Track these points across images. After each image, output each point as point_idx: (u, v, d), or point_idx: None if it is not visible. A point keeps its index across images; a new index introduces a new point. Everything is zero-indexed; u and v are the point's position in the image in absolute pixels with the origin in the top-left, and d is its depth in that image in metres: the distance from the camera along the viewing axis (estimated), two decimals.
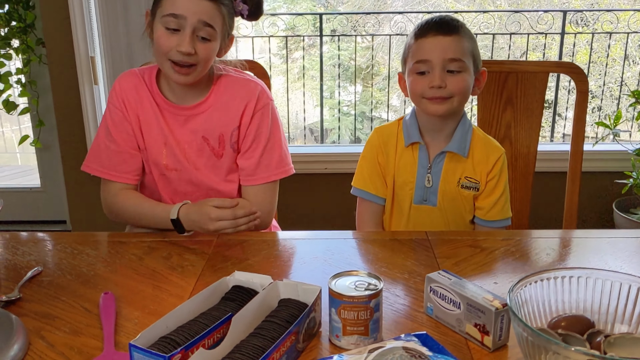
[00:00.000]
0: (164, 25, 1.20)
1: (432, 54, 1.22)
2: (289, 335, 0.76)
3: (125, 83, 1.32)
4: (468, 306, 0.83)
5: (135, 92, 1.31)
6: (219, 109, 1.31)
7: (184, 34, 1.19)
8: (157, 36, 1.21)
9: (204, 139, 1.31)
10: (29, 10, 2.61)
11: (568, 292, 0.82)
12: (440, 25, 1.23)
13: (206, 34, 1.21)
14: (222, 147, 1.32)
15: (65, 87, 2.51)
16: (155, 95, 1.31)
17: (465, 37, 1.25)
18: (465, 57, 1.23)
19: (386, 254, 1.12)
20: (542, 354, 0.70)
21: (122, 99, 1.31)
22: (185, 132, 1.31)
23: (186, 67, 1.21)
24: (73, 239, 1.21)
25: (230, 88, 1.32)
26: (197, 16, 1.18)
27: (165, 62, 1.22)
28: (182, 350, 0.71)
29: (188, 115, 1.31)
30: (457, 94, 1.24)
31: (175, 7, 1.18)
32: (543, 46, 4.20)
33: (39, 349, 0.83)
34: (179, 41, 1.19)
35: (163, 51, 1.21)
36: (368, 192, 1.35)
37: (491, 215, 1.31)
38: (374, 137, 1.35)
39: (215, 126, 1.30)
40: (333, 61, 4.95)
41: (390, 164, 1.33)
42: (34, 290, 0.99)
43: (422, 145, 1.31)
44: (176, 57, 1.20)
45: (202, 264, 1.08)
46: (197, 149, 1.31)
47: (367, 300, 0.79)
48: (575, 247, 1.19)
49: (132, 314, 0.91)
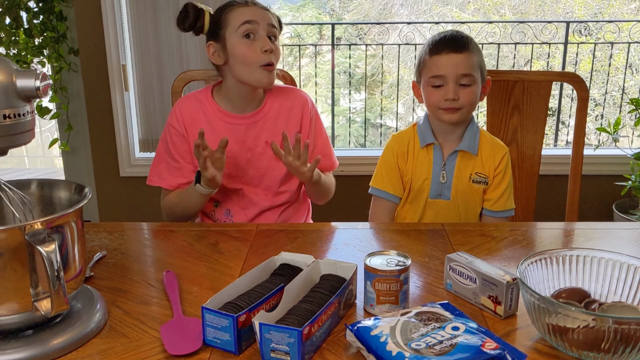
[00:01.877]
0: (242, 35, 1.37)
1: (446, 70, 1.38)
2: (333, 303, 0.90)
3: (185, 107, 1.48)
4: (483, 280, 0.97)
5: (196, 113, 1.48)
6: (276, 115, 1.48)
7: (261, 36, 1.37)
8: (239, 49, 1.37)
9: (267, 143, 1.46)
10: (61, 22, 2.78)
11: (568, 269, 0.97)
12: (452, 43, 1.39)
13: (274, 34, 1.40)
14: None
15: (97, 93, 2.67)
16: (216, 111, 1.48)
17: (474, 52, 1.40)
18: (475, 71, 1.39)
19: (408, 241, 1.26)
20: (546, 316, 0.84)
21: (182, 122, 1.47)
22: (247, 140, 1.47)
23: (271, 66, 1.39)
24: (128, 227, 1.36)
25: (280, 96, 1.50)
26: (266, 20, 1.38)
27: (256, 70, 1.38)
28: (247, 312, 0.86)
29: (249, 123, 1.47)
30: (468, 105, 1.40)
31: (247, 16, 1.37)
32: (547, 55, 4.35)
33: (117, 315, 0.97)
34: (261, 43, 1.37)
35: (251, 59, 1.37)
36: (386, 191, 1.49)
37: (497, 206, 1.46)
38: (393, 143, 1.50)
39: (277, 131, 1.46)
40: (338, 68, 5.09)
41: (408, 165, 1.48)
42: (103, 270, 1.14)
43: (436, 146, 1.46)
44: (265, 59, 1.37)
45: (245, 249, 1.23)
46: (259, 153, 1.47)
47: (397, 274, 0.94)
48: (576, 236, 1.33)
49: (191, 289, 1.06)
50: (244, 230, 1.33)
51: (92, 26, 2.59)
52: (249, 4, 1.40)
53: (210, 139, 1.38)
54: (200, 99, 1.49)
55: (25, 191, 0.97)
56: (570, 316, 0.81)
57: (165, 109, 2.70)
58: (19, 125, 0.85)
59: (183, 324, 0.92)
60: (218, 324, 0.85)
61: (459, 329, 0.83)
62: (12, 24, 2.76)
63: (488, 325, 0.94)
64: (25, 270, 0.82)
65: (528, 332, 0.91)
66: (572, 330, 0.81)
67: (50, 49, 2.80)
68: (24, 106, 0.85)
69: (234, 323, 0.83)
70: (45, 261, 0.79)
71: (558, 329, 0.83)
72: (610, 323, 0.78)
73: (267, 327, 0.82)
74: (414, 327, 0.84)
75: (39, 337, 0.86)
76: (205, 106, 1.48)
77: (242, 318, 0.85)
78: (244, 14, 1.37)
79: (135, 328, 0.93)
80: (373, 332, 0.83)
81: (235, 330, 0.84)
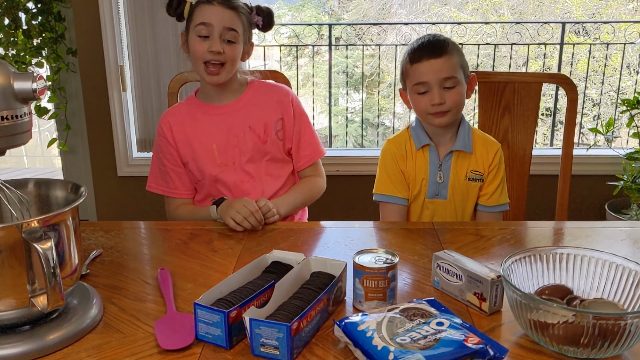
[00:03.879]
0: (197, 34, 1.45)
1: (428, 77, 1.41)
2: (322, 299, 0.93)
3: (170, 115, 1.59)
4: (469, 278, 0.99)
5: (181, 117, 1.56)
6: (257, 104, 1.55)
7: (213, 38, 1.44)
8: (192, 44, 1.47)
9: (251, 128, 1.54)
10: (60, 22, 2.80)
11: (552, 266, 0.99)
12: (430, 49, 1.41)
13: (231, 37, 1.46)
14: (266, 134, 1.54)
15: (95, 93, 2.69)
16: (198, 106, 1.56)
17: (452, 54, 1.42)
18: (457, 72, 1.42)
19: (398, 240, 1.29)
20: (528, 312, 0.86)
21: (167, 130, 1.56)
22: (232, 126, 1.54)
23: (217, 66, 1.46)
24: (124, 226, 1.39)
25: (262, 88, 1.58)
26: (222, 23, 1.44)
27: (201, 66, 1.47)
28: (237, 308, 0.88)
29: (230, 111, 1.54)
30: (455, 106, 1.43)
31: (204, 17, 1.44)
32: (543, 55, 4.38)
33: (113, 312, 1.00)
34: (210, 44, 1.44)
35: (198, 55, 1.46)
36: (393, 195, 1.49)
37: (492, 200, 1.49)
38: (390, 146, 1.51)
39: (259, 117, 1.54)
40: (337, 68, 5.11)
41: (408, 167, 1.50)
42: (99, 268, 1.16)
43: (432, 147, 1.48)
44: (208, 57, 1.45)
45: (239, 247, 1.26)
46: (243, 138, 1.53)
47: (385, 272, 0.96)
48: (564, 235, 1.35)
49: (185, 286, 1.08)
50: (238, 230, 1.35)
51: (90, 27, 2.61)
52: (213, 3, 1.45)
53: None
54: (186, 104, 1.59)
55: (23, 190, 0.99)
56: (551, 312, 0.83)
57: (162, 109, 2.72)
58: (16, 127, 0.87)
59: (176, 319, 0.95)
60: (210, 320, 0.87)
61: (444, 324, 0.86)
62: (11, 24, 2.78)
63: (473, 321, 0.96)
64: (22, 267, 0.84)
65: (512, 328, 0.94)
66: (553, 325, 0.84)
67: (49, 49, 2.83)
68: (21, 108, 0.88)
69: (225, 319, 0.86)
70: (42, 258, 0.81)
71: (539, 324, 0.85)
72: (589, 319, 0.80)
73: (257, 323, 0.84)
74: (399, 322, 0.86)
75: (35, 332, 0.89)
76: (191, 106, 1.57)
77: (233, 314, 0.87)
78: (203, 14, 1.44)
79: (129, 324, 0.96)
80: (360, 328, 0.85)
81: (226, 326, 0.86)
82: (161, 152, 1.58)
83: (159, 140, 1.59)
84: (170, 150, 1.56)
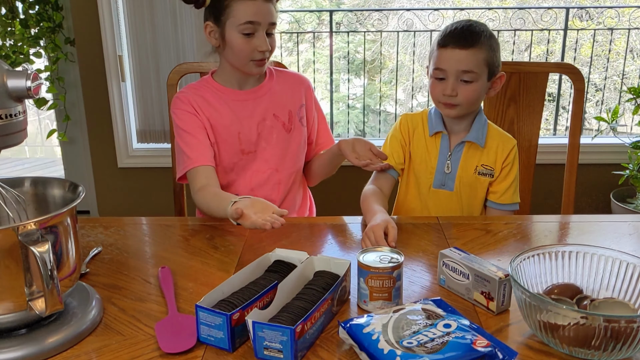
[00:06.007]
0: (241, 31, 1.38)
1: (447, 65, 1.36)
2: (326, 300, 0.91)
3: (190, 95, 1.48)
4: (476, 277, 0.97)
5: (200, 99, 1.47)
6: (279, 91, 1.53)
7: (259, 36, 1.39)
8: (236, 42, 1.40)
9: (275, 116, 1.51)
10: (57, 11, 2.76)
11: (561, 264, 0.97)
12: (459, 38, 1.35)
13: (272, 30, 1.42)
14: (291, 122, 1.52)
15: (94, 84, 2.66)
16: (220, 91, 1.49)
17: (483, 48, 1.36)
18: (479, 68, 1.36)
19: (403, 235, 1.26)
20: (538, 313, 0.85)
21: (189, 104, 1.46)
22: (257, 114, 1.50)
23: (262, 60, 1.43)
24: (124, 222, 1.37)
25: (280, 76, 1.56)
26: (268, 20, 1.39)
27: (247, 63, 1.42)
28: (240, 310, 0.86)
29: (254, 97, 1.50)
30: (466, 102, 1.38)
31: (250, 15, 1.37)
32: (547, 41, 4.32)
33: (113, 312, 0.98)
34: (258, 43, 1.39)
35: (245, 54, 1.41)
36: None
37: (503, 199, 1.45)
38: (404, 121, 1.50)
39: (284, 104, 1.53)
40: (338, 54, 5.05)
41: (415, 148, 1.47)
42: (98, 266, 1.14)
43: (444, 135, 1.45)
44: (259, 56, 1.41)
45: (241, 244, 1.24)
46: (269, 126, 1.50)
47: (390, 271, 0.94)
48: (571, 229, 1.33)
49: (187, 285, 1.06)
50: (239, 226, 1.33)
51: (88, 16, 2.57)
52: None
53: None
54: (200, 87, 1.50)
55: (19, 189, 0.97)
56: (561, 314, 0.81)
57: (162, 100, 2.69)
58: (10, 126, 0.85)
59: (177, 321, 0.93)
60: (212, 322, 0.86)
61: (451, 326, 0.84)
62: (8, 14, 2.74)
63: (480, 321, 0.94)
64: (19, 269, 0.82)
65: (520, 328, 0.92)
66: (563, 327, 0.82)
67: (47, 39, 2.79)
68: (16, 106, 0.85)
69: (228, 321, 0.84)
70: (39, 261, 0.79)
71: (549, 325, 0.83)
72: (600, 321, 0.78)
73: (260, 326, 0.82)
74: (406, 324, 0.84)
75: (34, 336, 0.87)
76: (207, 90, 1.49)
77: (236, 316, 0.85)
78: (249, 11, 1.36)
79: (130, 325, 0.94)
80: (365, 330, 0.84)
81: (229, 328, 0.84)
82: (186, 126, 1.45)
83: (181, 116, 1.46)
84: (197, 122, 1.45)
